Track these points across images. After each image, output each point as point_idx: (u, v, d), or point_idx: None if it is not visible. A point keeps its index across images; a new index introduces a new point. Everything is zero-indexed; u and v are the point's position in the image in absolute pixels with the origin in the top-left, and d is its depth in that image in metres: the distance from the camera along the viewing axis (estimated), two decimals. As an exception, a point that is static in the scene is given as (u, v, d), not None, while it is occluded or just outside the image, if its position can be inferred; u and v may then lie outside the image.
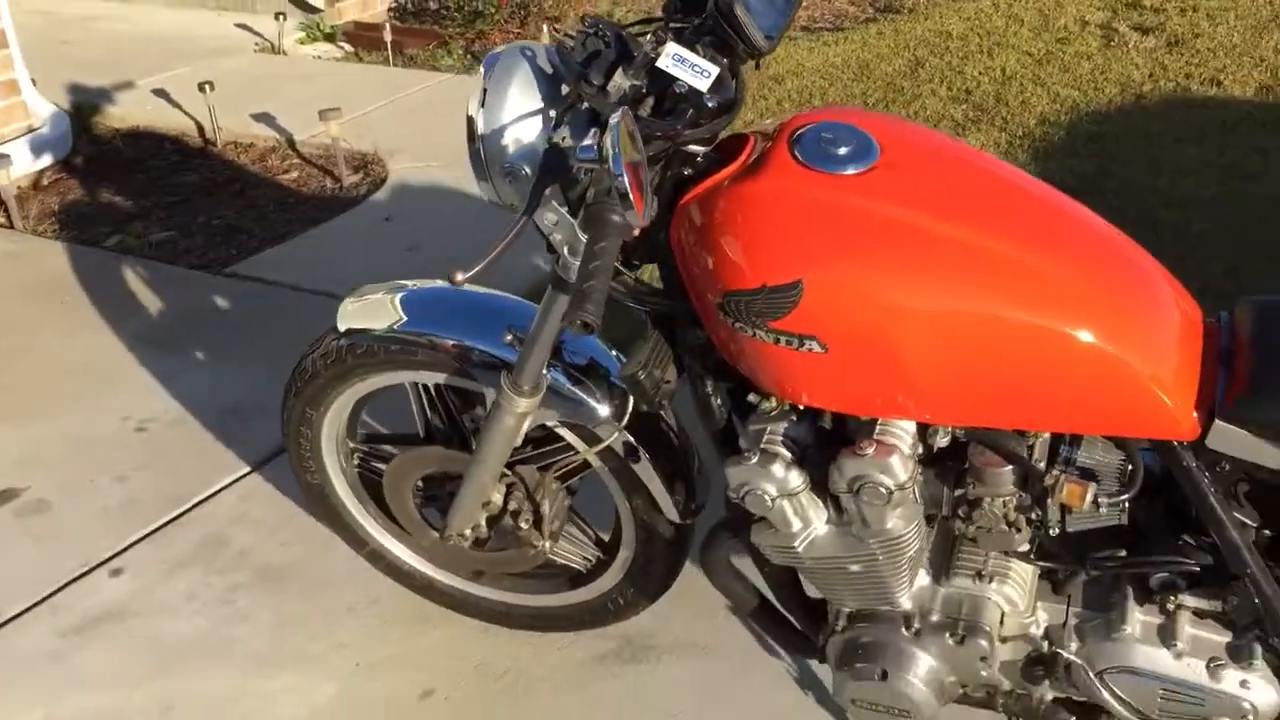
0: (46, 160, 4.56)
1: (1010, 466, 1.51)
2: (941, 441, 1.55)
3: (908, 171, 1.49)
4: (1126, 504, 1.50)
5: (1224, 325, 1.52)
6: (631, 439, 1.89)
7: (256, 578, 2.47)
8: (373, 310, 1.97)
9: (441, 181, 4.33)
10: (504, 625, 2.30)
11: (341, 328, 1.98)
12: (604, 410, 1.87)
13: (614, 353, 1.92)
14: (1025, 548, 1.60)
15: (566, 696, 2.16)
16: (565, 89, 1.60)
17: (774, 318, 1.44)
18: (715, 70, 1.49)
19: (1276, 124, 4.22)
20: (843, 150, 1.48)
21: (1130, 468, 1.49)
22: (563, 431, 1.96)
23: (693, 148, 1.56)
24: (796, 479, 1.56)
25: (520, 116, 1.58)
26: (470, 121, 1.59)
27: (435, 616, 2.34)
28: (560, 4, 5.78)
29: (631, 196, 1.27)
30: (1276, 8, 5.43)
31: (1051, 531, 1.55)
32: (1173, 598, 1.57)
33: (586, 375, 1.90)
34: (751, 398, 1.65)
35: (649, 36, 1.57)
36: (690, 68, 1.48)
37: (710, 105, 1.50)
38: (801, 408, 1.59)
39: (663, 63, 1.49)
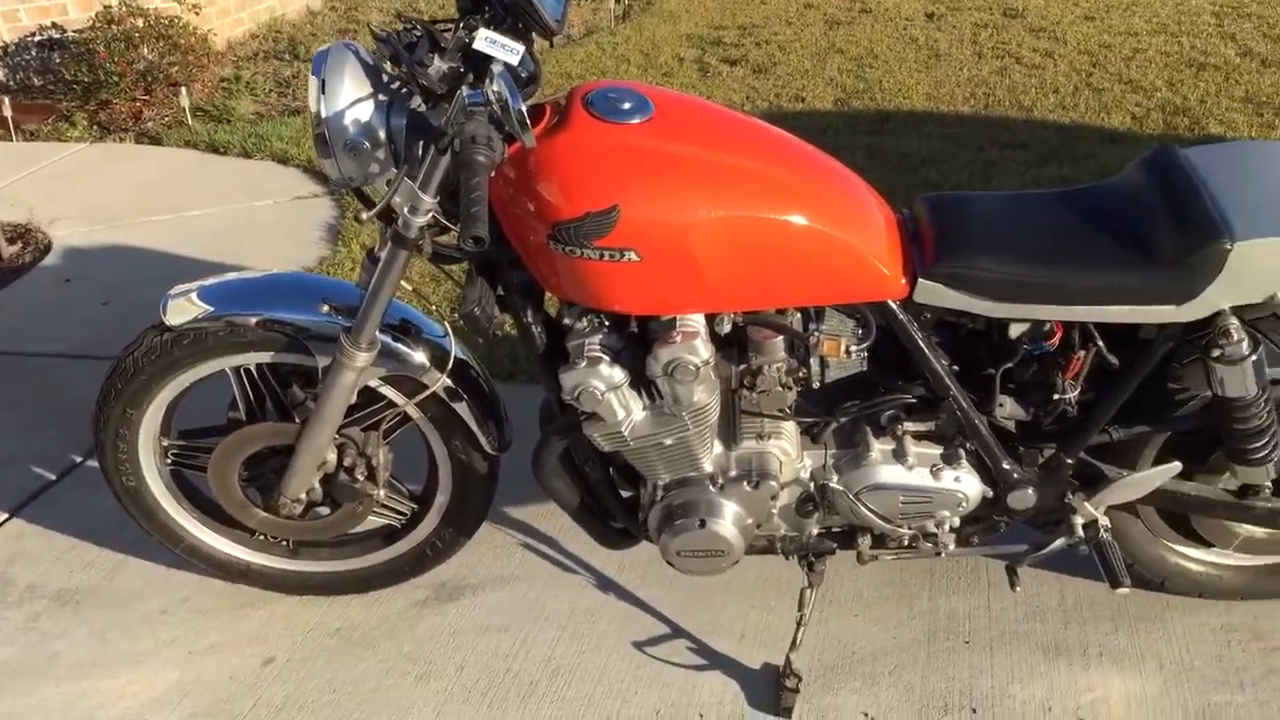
0: None
1: (781, 337, 1.98)
2: (725, 328, 1.98)
3: (678, 118, 1.92)
4: (866, 352, 2.01)
5: (909, 216, 2.08)
6: (452, 384, 2.19)
7: (55, 604, 2.50)
8: (196, 301, 2.14)
9: (111, 240, 4.34)
10: (326, 594, 2.49)
11: (171, 322, 2.12)
12: (427, 360, 2.16)
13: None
14: (791, 409, 2.07)
15: (401, 635, 2.39)
16: (385, 76, 1.91)
17: (598, 236, 1.82)
18: (522, 48, 1.84)
19: (854, 127, 5.12)
20: (627, 105, 1.89)
21: (863, 325, 2.00)
22: (385, 389, 2.21)
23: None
24: (619, 375, 1.94)
25: (356, 100, 1.87)
26: (313, 109, 1.85)
27: (254, 599, 2.49)
28: (186, 70, 5.81)
29: (528, 121, 1.61)
30: (830, 40, 6.49)
31: (815, 385, 2.03)
32: (900, 427, 2.10)
33: (406, 333, 2.18)
34: (566, 320, 2.01)
35: (455, 29, 1.90)
36: (501, 47, 1.83)
37: (522, 77, 1.86)
38: (609, 322, 1.97)
39: (479, 45, 1.82)
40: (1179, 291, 1.89)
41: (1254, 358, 1.91)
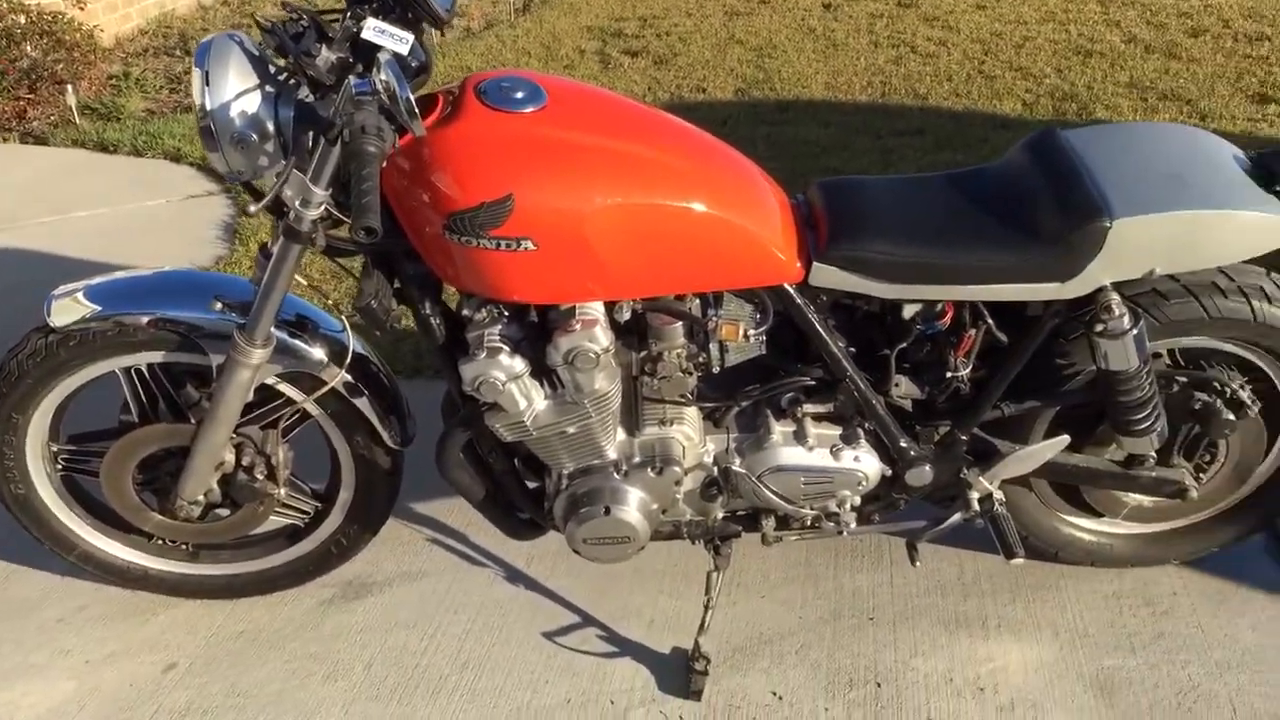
0: None
1: (680, 323, 1.99)
2: (625, 316, 1.99)
3: (572, 107, 1.92)
4: (765, 336, 2.03)
5: (803, 202, 2.10)
6: (352, 379, 2.16)
7: (-59, 618, 2.41)
8: (83, 301, 2.08)
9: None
10: (228, 597, 2.44)
11: (56, 323, 2.06)
12: (325, 356, 2.13)
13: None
14: (693, 394, 2.08)
15: (307, 635, 2.36)
16: (272, 67, 1.88)
17: (494, 226, 1.81)
18: (411, 37, 1.83)
19: (755, 117, 5.17)
20: (520, 94, 1.88)
21: (761, 309, 2.03)
22: (282, 387, 2.18)
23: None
24: (519, 364, 1.94)
25: (242, 92, 1.83)
26: (198, 102, 1.81)
27: (153, 605, 2.43)
28: (72, 67, 5.63)
29: (417, 110, 1.60)
30: (730, 30, 6.54)
31: (714, 370, 2.05)
32: (799, 409, 2.13)
33: (303, 329, 2.14)
34: (466, 311, 2.00)
35: (342, 18, 1.87)
36: (390, 36, 1.81)
37: (412, 67, 1.84)
38: (509, 312, 1.97)
39: (367, 34, 1.80)
40: (1062, 269, 1.94)
41: (1135, 332, 1.98)
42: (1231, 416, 2.11)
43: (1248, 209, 1.92)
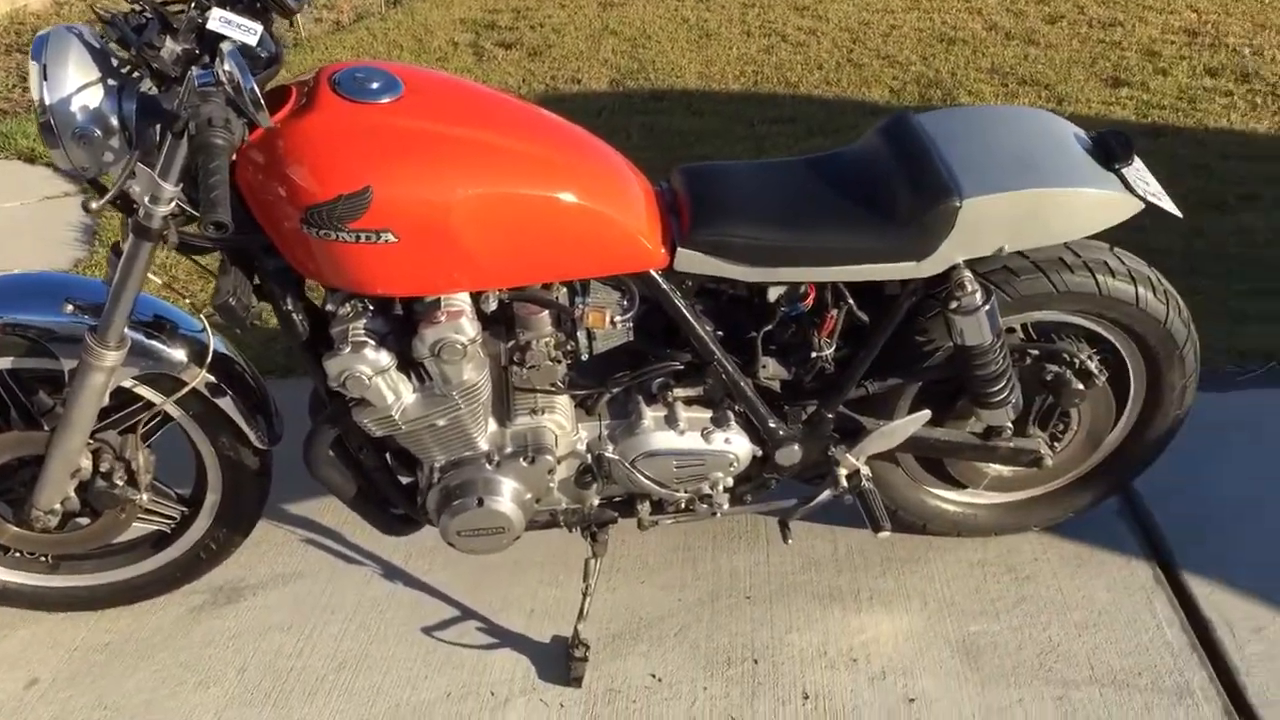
0: None
1: (547, 311, 1.99)
2: (491, 306, 1.98)
3: (429, 97, 1.90)
4: (632, 322, 2.05)
5: (666, 189, 2.12)
6: (214, 379, 2.11)
7: None
8: (-79, 308, 1.99)
9: None
10: (93, 609, 2.36)
11: None
12: (185, 356, 2.08)
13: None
14: (563, 382, 2.09)
15: (177, 644, 2.30)
16: (114, 60, 1.82)
17: (353, 219, 1.78)
18: (259, 28, 1.78)
19: (630, 107, 5.19)
20: (375, 85, 1.86)
21: (627, 296, 2.04)
22: (140, 389, 2.11)
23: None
24: (385, 358, 1.92)
25: (83, 86, 1.77)
26: (36, 97, 1.75)
27: (13, 620, 2.35)
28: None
29: (262, 101, 1.56)
30: (604, 21, 6.55)
31: (583, 357, 2.06)
32: (670, 393, 2.15)
33: (161, 330, 2.09)
34: (329, 306, 1.97)
35: (187, 8, 1.83)
36: (237, 27, 1.76)
37: (261, 58, 1.81)
38: (373, 305, 1.95)
39: (212, 25, 1.75)
40: (917, 249, 2.00)
41: (988, 307, 2.04)
42: (1081, 386, 2.20)
43: (1088, 187, 2.01)
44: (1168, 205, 2.09)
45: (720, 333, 2.14)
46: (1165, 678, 2.15)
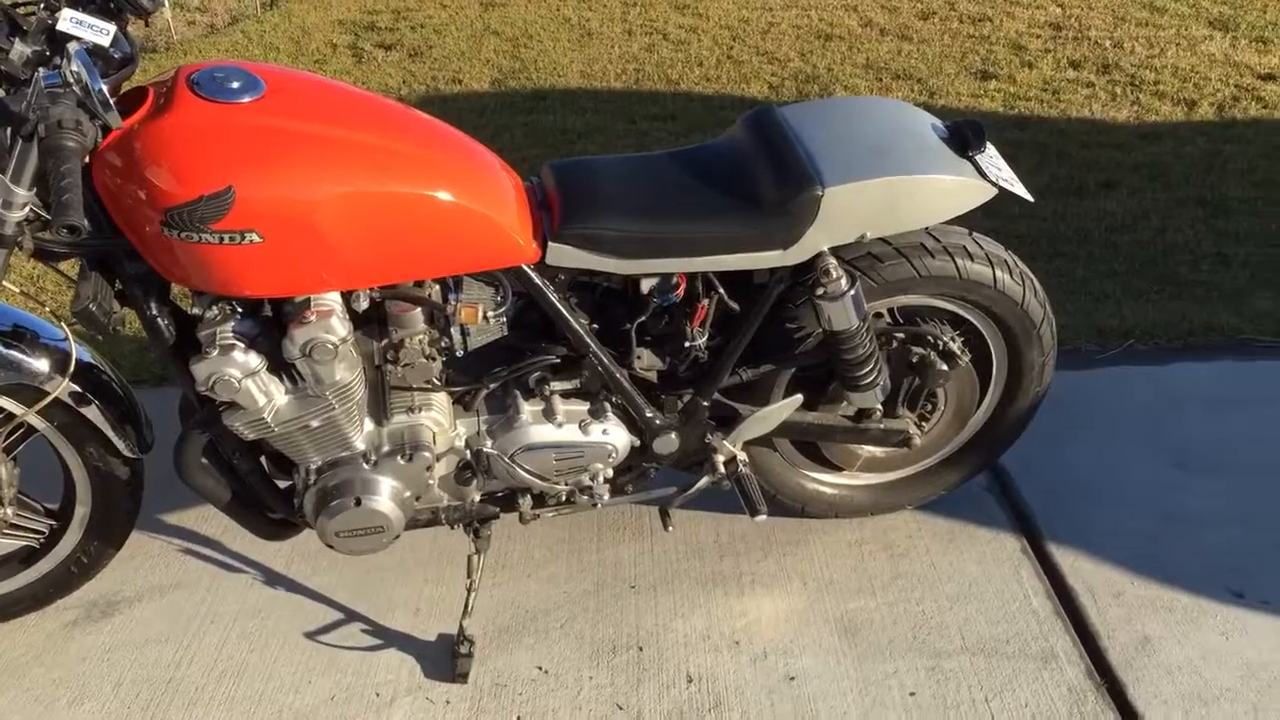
0: None
1: (419, 309, 1.99)
2: (362, 305, 1.97)
3: (291, 96, 1.89)
4: (506, 318, 2.06)
5: (537, 185, 2.14)
6: (78, 388, 2.07)
7: None
8: None
9: None
10: (-41, 629, 2.29)
11: None
12: (46, 366, 2.03)
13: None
14: (440, 379, 2.09)
15: (50, 661, 2.24)
16: (-40, 62, 1.77)
17: (216, 219, 1.76)
18: (113, 28, 1.76)
19: (512, 106, 5.19)
20: (235, 85, 1.84)
21: (500, 291, 2.05)
22: (0, 401, 2.06)
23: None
24: (255, 360, 1.90)
25: (-77, 89, 1.72)
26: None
27: (-126, 647, 2.26)
28: None
29: (111, 102, 1.54)
30: (485, 21, 6.53)
31: (458, 354, 2.06)
32: (547, 387, 2.16)
33: (20, 339, 2.03)
34: (197, 309, 1.94)
35: (38, 9, 1.79)
36: (89, 27, 1.73)
37: (115, 59, 1.77)
38: (241, 308, 1.93)
39: (63, 25, 1.72)
40: (782, 237, 2.05)
41: (853, 293, 2.10)
42: (945, 367, 2.27)
43: (944, 173, 2.08)
44: (1019, 190, 2.18)
45: (595, 325, 2.16)
46: (1031, 644, 2.23)
